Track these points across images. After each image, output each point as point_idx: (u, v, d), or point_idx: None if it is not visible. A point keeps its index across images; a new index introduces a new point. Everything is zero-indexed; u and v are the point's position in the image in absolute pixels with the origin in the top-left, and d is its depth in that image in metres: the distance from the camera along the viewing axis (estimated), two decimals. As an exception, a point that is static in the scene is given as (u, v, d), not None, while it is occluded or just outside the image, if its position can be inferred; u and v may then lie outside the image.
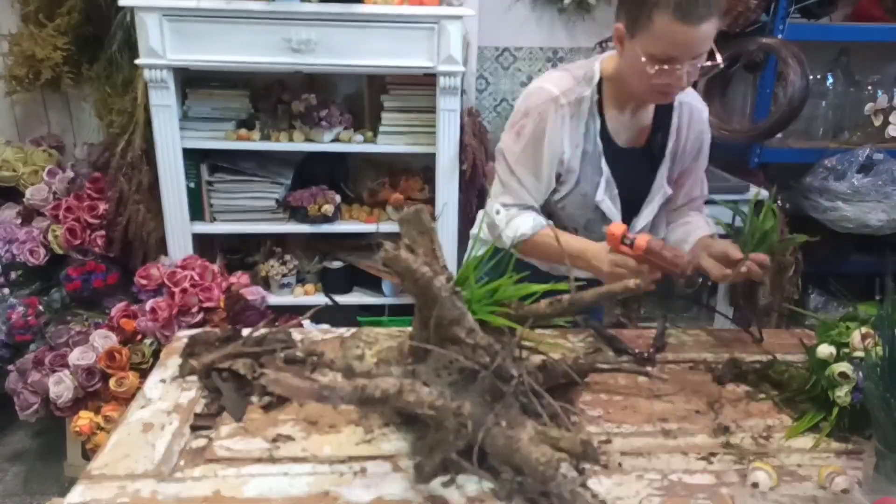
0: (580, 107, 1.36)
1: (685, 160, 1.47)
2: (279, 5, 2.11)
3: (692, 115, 1.44)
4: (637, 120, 1.42)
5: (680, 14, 1.17)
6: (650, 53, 1.22)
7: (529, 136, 1.36)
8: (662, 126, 1.42)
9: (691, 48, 1.21)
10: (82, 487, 0.94)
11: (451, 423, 0.89)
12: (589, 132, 1.37)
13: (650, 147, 1.43)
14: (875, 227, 2.43)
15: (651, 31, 1.21)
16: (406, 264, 0.93)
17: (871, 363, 0.95)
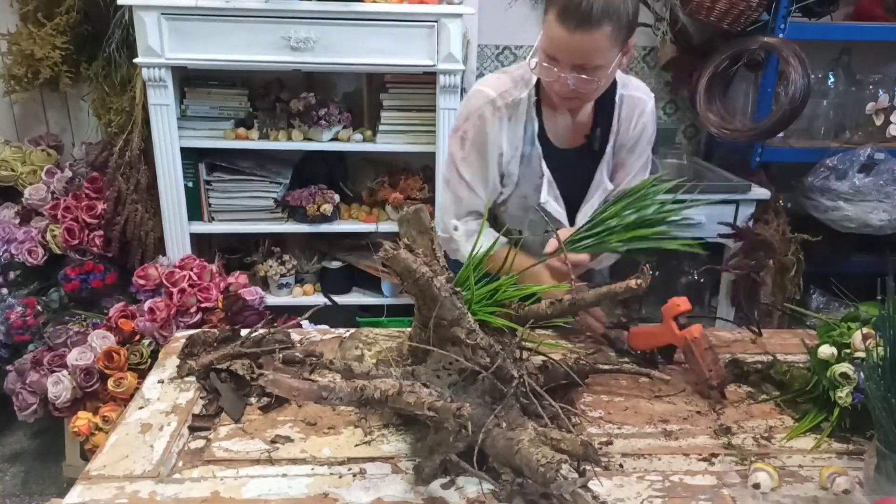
0: (517, 108, 1.36)
1: (623, 151, 1.45)
2: (278, 3, 2.10)
3: (634, 106, 1.42)
4: (575, 118, 1.41)
5: (562, 16, 1.18)
6: (542, 48, 1.25)
7: (472, 139, 1.37)
8: (603, 123, 1.41)
9: (567, 53, 1.21)
10: (81, 488, 0.94)
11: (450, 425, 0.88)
12: (527, 134, 1.37)
13: (589, 144, 1.41)
14: (876, 226, 2.42)
15: (545, 27, 1.24)
16: (406, 264, 0.92)
17: (872, 363, 0.95)
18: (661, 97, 2.86)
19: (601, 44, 1.19)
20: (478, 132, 1.36)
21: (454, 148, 1.41)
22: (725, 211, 2.41)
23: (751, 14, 2.34)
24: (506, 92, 1.36)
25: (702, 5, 2.36)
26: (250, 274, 2.48)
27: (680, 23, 2.57)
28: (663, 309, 1.25)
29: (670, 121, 2.90)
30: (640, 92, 1.43)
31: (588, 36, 1.17)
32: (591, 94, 1.29)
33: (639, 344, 1.31)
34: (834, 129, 2.64)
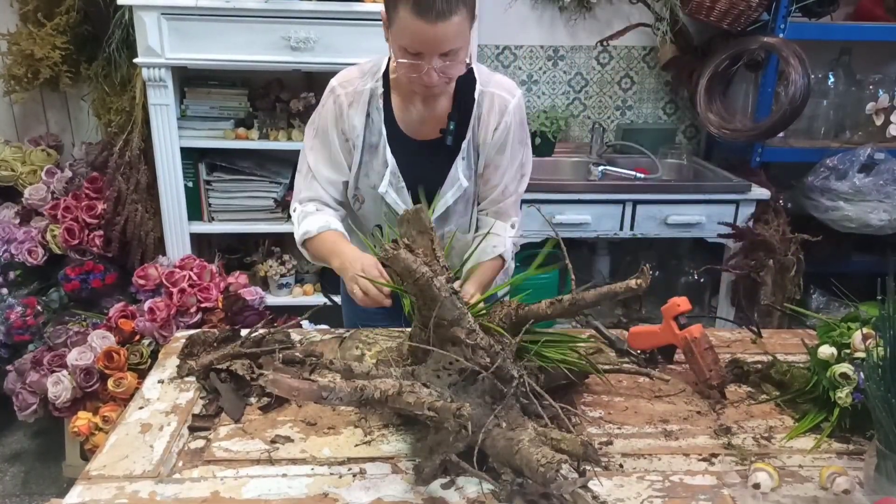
0: (360, 98, 1.37)
1: (490, 151, 1.41)
2: (278, 3, 2.10)
3: (494, 103, 1.38)
4: (431, 110, 1.38)
5: (417, 10, 1.16)
6: (400, 45, 1.23)
7: (318, 127, 1.41)
8: (461, 117, 1.38)
9: (433, 45, 1.19)
10: (81, 488, 0.94)
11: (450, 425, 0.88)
12: (373, 124, 1.38)
13: (444, 138, 1.38)
14: (877, 226, 2.43)
15: (398, 25, 1.21)
16: (406, 264, 0.92)
17: (872, 364, 0.95)
18: (661, 97, 2.86)
19: (461, 27, 1.20)
20: (321, 120, 1.41)
21: (307, 136, 1.46)
22: (725, 211, 2.41)
23: (751, 14, 2.34)
24: (348, 81, 1.39)
25: (702, 5, 2.36)
26: (250, 274, 2.48)
27: (680, 23, 2.57)
28: (663, 309, 1.25)
29: (670, 121, 2.90)
30: (502, 89, 1.39)
31: (448, 24, 1.17)
32: (454, 76, 1.29)
33: (639, 344, 1.31)
34: (834, 129, 2.64)
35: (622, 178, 2.51)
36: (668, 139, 2.82)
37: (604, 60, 2.79)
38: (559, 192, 2.38)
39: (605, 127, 2.83)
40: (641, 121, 2.88)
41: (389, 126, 1.39)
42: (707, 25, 2.46)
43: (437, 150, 1.40)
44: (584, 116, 2.86)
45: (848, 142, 2.58)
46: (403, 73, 1.27)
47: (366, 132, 1.39)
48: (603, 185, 2.45)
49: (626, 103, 2.86)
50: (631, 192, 2.39)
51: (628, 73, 2.82)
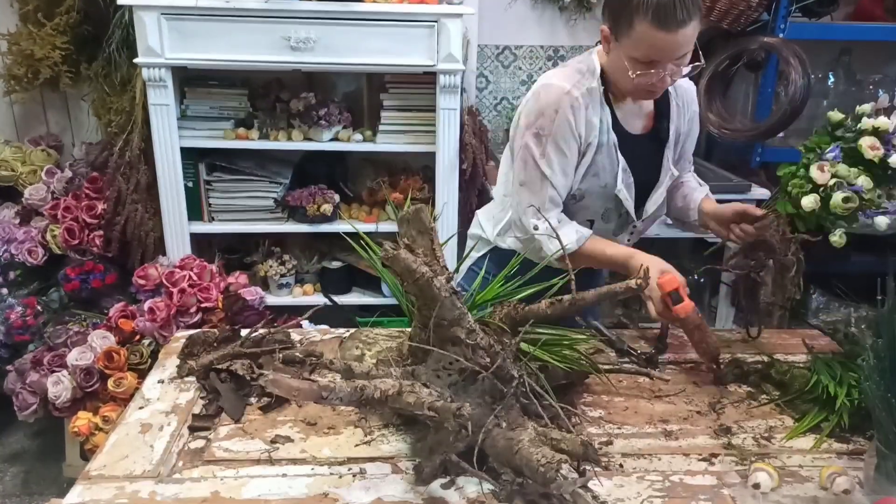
0: (591, 97, 1.36)
1: (681, 136, 1.50)
2: (278, 3, 2.10)
3: (685, 94, 1.48)
4: (640, 106, 1.44)
5: (658, 21, 1.19)
6: (632, 57, 1.25)
7: (551, 134, 1.35)
8: (664, 110, 1.45)
9: (671, 52, 1.24)
10: (81, 488, 0.94)
11: (451, 425, 0.88)
12: (602, 123, 1.38)
13: (657, 132, 1.45)
14: (876, 226, 2.42)
15: (632, 37, 1.23)
16: (406, 264, 0.92)
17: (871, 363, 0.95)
18: (661, 97, 2.86)
19: (695, 30, 1.26)
20: (557, 127, 1.34)
21: (531, 146, 1.37)
22: (725, 211, 2.41)
23: (751, 14, 2.34)
24: (578, 82, 1.35)
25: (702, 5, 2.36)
26: (250, 274, 2.48)
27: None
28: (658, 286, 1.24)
29: (670, 121, 2.89)
30: (687, 81, 1.48)
31: (689, 28, 1.23)
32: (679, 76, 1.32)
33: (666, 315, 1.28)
34: (834, 130, 2.64)
35: (622, 178, 2.50)
36: (668, 139, 2.81)
37: (604, 60, 2.79)
38: (559, 192, 2.37)
39: (605, 127, 2.83)
40: (641, 121, 2.87)
41: (615, 126, 1.40)
42: (707, 25, 2.46)
43: (650, 143, 1.44)
44: (584, 116, 2.85)
45: (848, 142, 2.57)
46: (636, 81, 1.27)
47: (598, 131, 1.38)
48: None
49: (626, 103, 2.86)
50: (631, 192, 2.39)
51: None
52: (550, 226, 1.31)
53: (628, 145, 1.40)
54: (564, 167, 1.37)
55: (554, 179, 1.37)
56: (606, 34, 1.30)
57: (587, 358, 1.19)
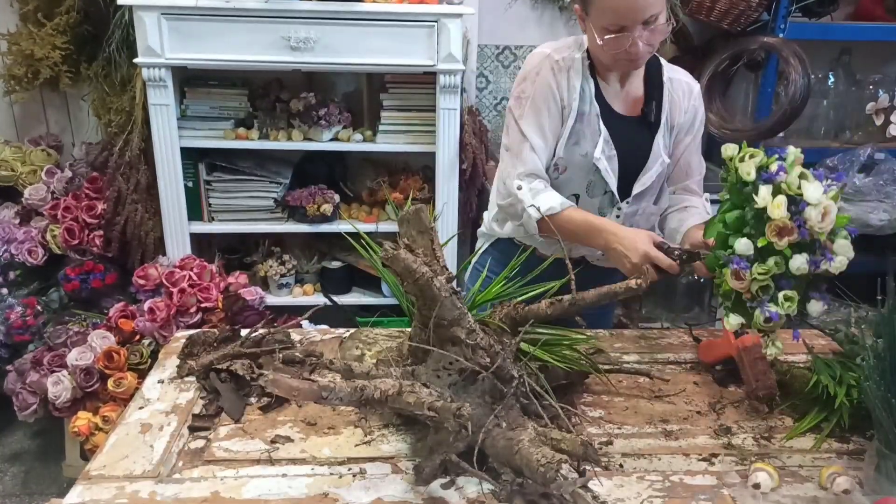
0: (573, 65, 1.39)
1: (680, 133, 1.50)
2: (278, 3, 2.10)
3: (683, 89, 1.48)
4: (627, 91, 1.45)
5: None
6: (601, 26, 1.29)
7: (531, 96, 1.39)
8: (655, 97, 1.46)
9: (636, 14, 1.26)
10: (81, 488, 0.94)
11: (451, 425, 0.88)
12: (585, 93, 1.40)
13: (645, 116, 1.46)
14: (876, 226, 2.42)
15: (597, 5, 1.29)
16: (406, 264, 0.92)
17: (871, 363, 0.95)
18: (661, 97, 2.86)
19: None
20: (537, 88, 1.38)
21: (514, 108, 1.42)
22: (725, 211, 2.41)
23: (751, 14, 2.34)
24: (560, 49, 1.40)
25: (702, 5, 2.36)
26: (250, 274, 2.48)
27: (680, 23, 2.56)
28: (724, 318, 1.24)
29: (670, 121, 2.90)
30: (686, 77, 1.50)
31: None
32: (657, 43, 1.34)
33: (708, 357, 1.29)
34: (834, 130, 2.64)
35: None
36: (668, 139, 2.82)
37: (604, 60, 2.79)
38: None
39: (605, 127, 2.83)
40: (641, 121, 2.87)
41: (598, 98, 1.42)
42: (707, 25, 2.46)
43: (639, 126, 1.45)
44: (584, 116, 2.86)
45: (848, 142, 2.58)
46: (609, 51, 1.30)
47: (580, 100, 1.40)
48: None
49: (626, 103, 2.86)
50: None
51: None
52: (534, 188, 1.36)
53: (613, 121, 1.42)
54: (544, 129, 1.39)
55: (534, 141, 1.39)
56: (579, 12, 1.35)
57: (587, 358, 1.19)
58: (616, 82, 1.44)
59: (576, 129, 1.40)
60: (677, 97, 1.47)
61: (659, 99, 1.46)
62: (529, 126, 1.39)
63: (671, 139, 1.49)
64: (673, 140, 1.50)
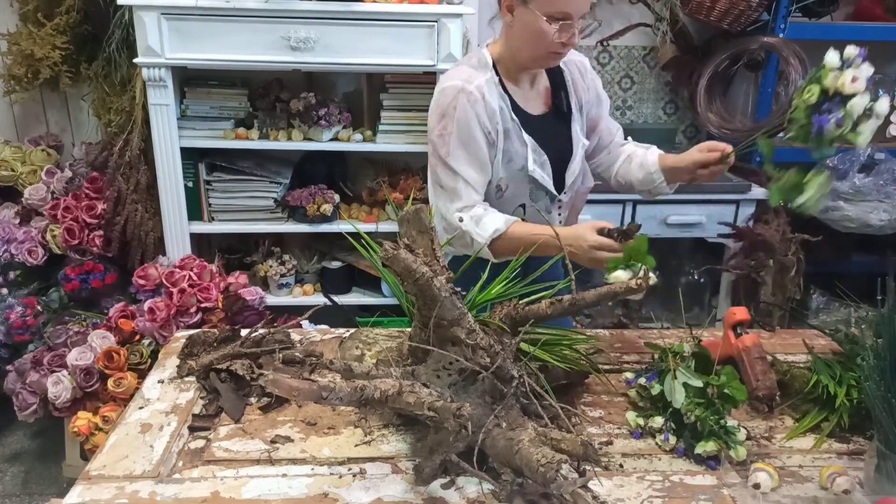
0: (487, 89, 1.41)
1: (591, 109, 1.58)
2: (278, 3, 2.10)
3: (578, 69, 1.54)
4: (536, 88, 1.51)
5: None
6: (548, 14, 1.31)
7: (455, 132, 1.39)
8: (560, 86, 1.52)
9: (580, 5, 1.32)
10: (81, 488, 0.94)
11: (451, 425, 0.88)
12: (504, 111, 1.43)
13: (557, 107, 1.52)
14: (877, 226, 2.43)
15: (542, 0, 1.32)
16: (406, 264, 0.92)
17: (871, 363, 0.95)
18: (661, 97, 2.86)
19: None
20: (459, 123, 1.38)
21: (439, 148, 1.42)
22: (725, 211, 2.42)
23: (751, 14, 2.34)
24: (471, 76, 1.41)
25: (702, 5, 2.36)
26: (250, 274, 2.48)
27: (680, 23, 2.57)
28: (723, 318, 1.25)
29: (670, 121, 2.90)
30: (577, 56, 1.56)
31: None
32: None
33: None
34: (834, 129, 2.64)
35: (622, 178, 2.51)
36: (668, 139, 2.82)
37: (604, 60, 2.79)
38: (559, 192, 2.37)
39: (605, 127, 2.83)
40: (641, 121, 2.88)
41: (515, 110, 1.45)
42: (707, 25, 2.46)
43: (554, 120, 1.51)
44: (584, 116, 2.86)
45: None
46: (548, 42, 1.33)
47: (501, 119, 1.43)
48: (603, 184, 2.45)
49: (626, 103, 2.86)
50: (631, 191, 2.39)
51: (628, 73, 2.82)
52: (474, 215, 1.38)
53: (533, 126, 1.46)
54: (474, 161, 1.41)
55: (466, 174, 1.41)
56: (510, 4, 1.36)
57: (587, 358, 1.19)
58: (526, 83, 1.49)
59: (507, 147, 1.44)
60: (576, 78, 1.53)
61: (564, 87, 1.52)
62: (459, 161, 1.40)
63: (584, 119, 1.56)
64: (587, 118, 1.57)
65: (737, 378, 1.08)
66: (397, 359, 1.09)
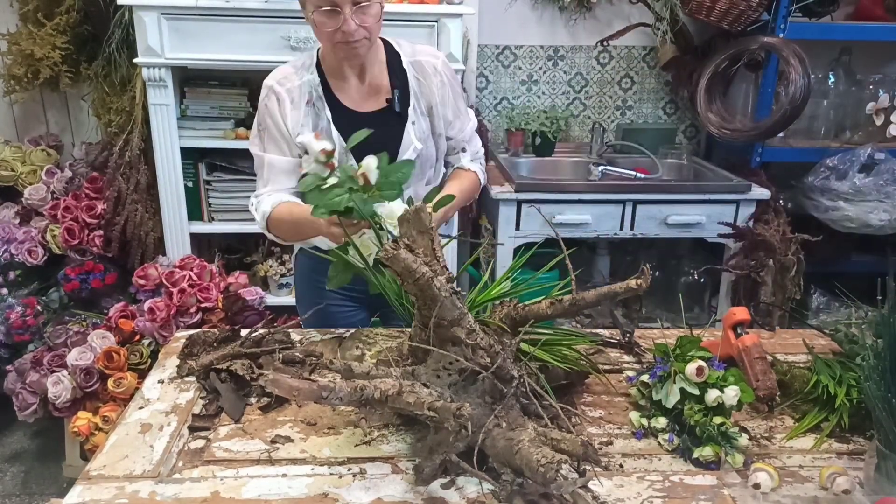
0: (300, 91, 1.45)
1: (445, 109, 1.53)
2: (277, 3, 2.10)
3: (425, 69, 1.51)
4: (369, 83, 1.48)
5: None
6: (314, 4, 1.34)
7: (262, 124, 1.47)
8: (400, 86, 1.49)
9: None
10: (81, 488, 0.94)
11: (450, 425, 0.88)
12: (318, 111, 1.46)
13: (391, 107, 1.49)
14: (877, 226, 2.42)
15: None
16: (406, 264, 0.92)
17: (871, 363, 0.95)
18: (660, 97, 2.86)
19: None
20: (262, 117, 1.47)
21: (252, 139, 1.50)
22: (725, 211, 2.41)
23: (751, 14, 2.34)
24: (285, 78, 1.46)
25: (702, 5, 2.36)
26: (250, 274, 2.48)
27: (680, 23, 2.57)
28: (723, 319, 1.25)
29: (670, 121, 2.90)
30: (427, 55, 1.53)
31: None
32: (374, 29, 1.38)
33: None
34: (834, 129, 2.64)
35: (622, 178, 2.51)
36: (668, 139, 2.82)
37: (604, 60, 2.79)
38: (559, 192, 2.37)
39: (605, 127, 2.83)
40: (641, 121, 2.88)
41: (334, 108, 1.46)
42: (707, 25, 2.46)
43: (385, 119, 1.48)
44: (585, 116, 2.86)
45: (848, 142, 2.58)
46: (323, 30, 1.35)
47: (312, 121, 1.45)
48: (603, 185, 2.45)
49: (626, 103, 2.86)
50: (631, 192, 2.39)
51: (628, 73, 2.82)
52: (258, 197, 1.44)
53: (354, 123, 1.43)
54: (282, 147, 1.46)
55: (274, 160, 1.46)
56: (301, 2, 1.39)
57: (587, 358, 1.19)
58: (354, 78, 1.47)
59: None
60: (423, 79, 1.50)
61: (403, 87, 1.49)
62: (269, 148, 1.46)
63: (429, 122, 1.52)
64: (437, 119, 1.52)
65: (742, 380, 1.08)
66: (397, 359, 1.09)
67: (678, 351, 1.11)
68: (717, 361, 1.07)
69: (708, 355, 1.08)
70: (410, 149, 1.49)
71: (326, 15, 1.33)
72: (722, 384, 1.04)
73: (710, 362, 1.05)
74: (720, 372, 1.05)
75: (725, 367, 1.07)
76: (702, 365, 1.04)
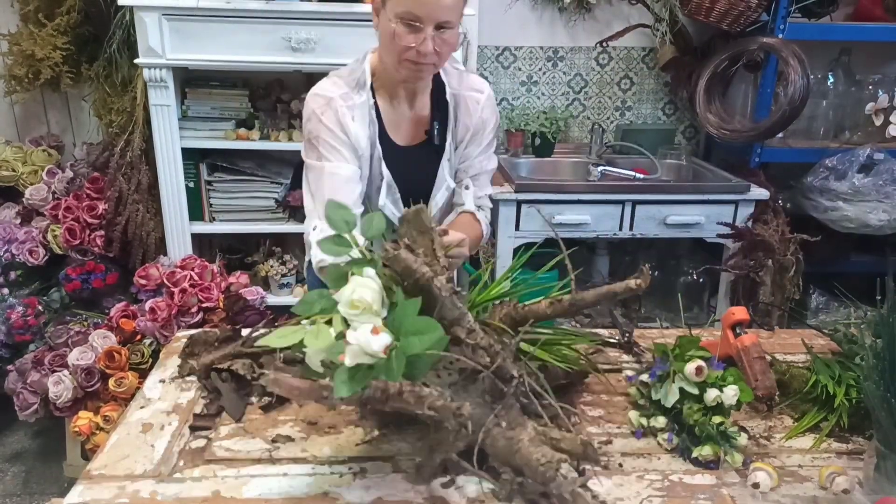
0: (359, 110, 1.37)
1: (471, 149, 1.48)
2: (278, 4, 2.10)
3: (468, 105, 1.45)
4: (415, 112, 1.44)
5: None
6: (397, 14, 1.27)
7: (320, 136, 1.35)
8: (437, 118, 1.44)
9: (432, 9, 1.25)
10: (81, 488, 0.94)
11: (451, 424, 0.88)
12: (370, 137, 1.39)
13: (430, 139, 1.44)
14: (876, 226, 2.43)
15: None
16: (406, 264, 0.92)
17: (870, 363, 0.95)
18: (660, 97, 2.86)
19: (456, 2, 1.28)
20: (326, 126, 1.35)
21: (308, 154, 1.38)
22: (724, 211, 2.42)
23: (750, 15, 2.34)
24: (345, 94, 1.37)
25: (701, 6, 2.37)
26: (251, 274, 2.49)
27: (679, 23, 2.57)
28: (722, 318, 1.25)
29: (669, 121, 2.90)
30: (471, 90, 1.46)
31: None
32: (445, 55, 1.33)
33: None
34: (833, 130, 2.64)
35: (621, 178, 2.51)
36: (667, 140, 2.82)
37: (603, 61, 2.80)
38: (558, 192, 2.38)
39: (605, 127, 2.83)
40: (641, 121, 2.88)
41: (382, 138, 1.40)
42: (706, 26, 2.47)
43: (423, 153, 1.44)
44: (584, 117, 2.86)
45: (847, 142, 2.58)
46: (399, 43, 1.27)
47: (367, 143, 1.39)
48: (602, 185, 2.46)
49: (625, 104, 2.86)
50: (630, 192, 2.40)
51: (628, 74, 2.82)
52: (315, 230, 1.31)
53: (397, 156, 1.40)
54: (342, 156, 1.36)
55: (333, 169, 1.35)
56: (377, 4, 1.32)
57: (587, 358, 1.20)
58: (404, 103, 1.42)
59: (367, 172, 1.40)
60: (463, 111, 1.45)
61: (443, 119, 1.44)
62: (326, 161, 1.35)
63: (457, 158, 1.48)
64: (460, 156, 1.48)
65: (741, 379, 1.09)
66: (398, 358, 1.09)
67: (677, 351, 1.11)
68: (716, 361, 1.07)
69: (707, 355, 1.08)
70: (443, 187, 1.45)
71: (408, 28, 1.26)
72: (721, 384, 1.04)
73: (709, 362, 1.06)
74: (719, 372, 1.05)
75: (724, 367, 1.07)
76: (701, 365, 1.04)
